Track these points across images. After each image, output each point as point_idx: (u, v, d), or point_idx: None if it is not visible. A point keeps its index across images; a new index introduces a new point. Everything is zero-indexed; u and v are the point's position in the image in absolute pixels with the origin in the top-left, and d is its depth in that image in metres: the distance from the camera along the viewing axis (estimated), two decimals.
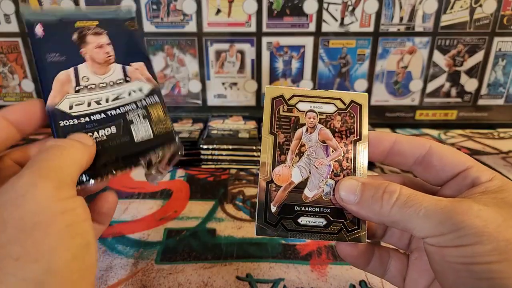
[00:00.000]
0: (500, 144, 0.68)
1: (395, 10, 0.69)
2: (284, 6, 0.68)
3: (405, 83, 0.74)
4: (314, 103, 0.26)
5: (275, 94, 0.26)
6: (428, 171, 0.24)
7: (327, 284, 0.33)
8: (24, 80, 0.74)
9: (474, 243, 0.18)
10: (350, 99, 0.26)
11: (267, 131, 0.25)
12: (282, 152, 0.25)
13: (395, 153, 0.25)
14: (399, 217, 0.21)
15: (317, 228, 0.24)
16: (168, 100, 0.76)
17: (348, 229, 0.25)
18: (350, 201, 0.23)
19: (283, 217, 0.24)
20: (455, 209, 0.19)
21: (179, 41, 0.71)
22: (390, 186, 0.22)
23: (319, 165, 0.25)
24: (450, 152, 0.23)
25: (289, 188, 0.25)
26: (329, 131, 0.26)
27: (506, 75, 0.74)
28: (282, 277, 0.33)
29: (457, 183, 0.23)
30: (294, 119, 0.26)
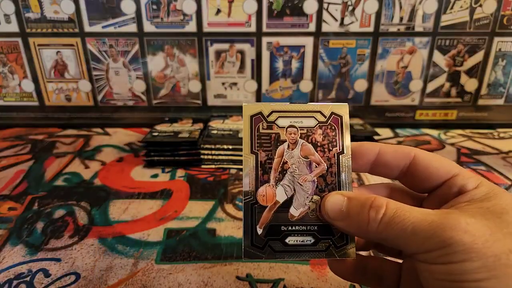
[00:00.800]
0: (500, 144, 0.68)
1: (395, 10, 0.69)
2: (284, 6, 0.68)
3: (405, 83, 0.74)
4: (294, 117, 0.25)
5: (253, 111, 0.25)
6: (413, 180, 0.24)
7: (327, 284, 0.33)
8: (24, 80, 0.74)
9: (462, 260, 0.18)
10: (330, 111, 0.25)
11: (248, 151, 0.25)
12: (264, 171, 0.24)
13: (379, 164, 0.24)
14: (386, 234, 0.20)
15: (306, 246, 0.24)
16: (168, 100, 0.76)
17: (337, 245, 0.24)
18: (336, 217, 0.23)
19: (270, 238, 0.24)
20: (443, 225, 0.19)
21: (179, 41, 0.71)
22: (376, 201, 0.21)
23: (303, 181, 0.24)
24: (435, 160, 0.23)
25: (274, 208, 0.24)
26: (311, 146, 0.25)
27: (506, 75, 0.74)
28: (282, 277, 0.33)
29: (443, 192, 0.23)
30: (275, 136, 0.25)
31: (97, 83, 0.74)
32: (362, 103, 0.76)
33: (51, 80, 0.74)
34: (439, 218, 0.19)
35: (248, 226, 0.24)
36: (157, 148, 0.57)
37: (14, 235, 0.40)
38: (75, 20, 0.69)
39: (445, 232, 0.18)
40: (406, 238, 0.19)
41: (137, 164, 0.58)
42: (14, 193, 0.49)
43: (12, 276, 0.33)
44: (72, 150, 0.64)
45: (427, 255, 0.19)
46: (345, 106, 0.25)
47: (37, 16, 0.69)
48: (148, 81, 0.74)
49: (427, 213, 0.20)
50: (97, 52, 0.72)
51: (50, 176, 0.54)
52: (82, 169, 0.56)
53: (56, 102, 0.76)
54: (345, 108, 0.25)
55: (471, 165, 0.58)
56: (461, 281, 0.18)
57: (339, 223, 0.23)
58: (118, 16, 0.69)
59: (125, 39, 0.71)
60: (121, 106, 0.76)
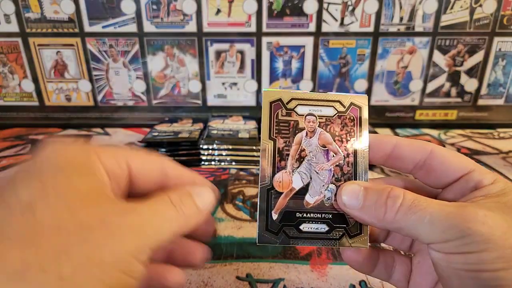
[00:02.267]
0: (500, 144, 0.68)
1: (395, 10, 0.69)
2: (284, 6, 0.68)
3: (405, 83, 0.74)
4: (313, 106, 0.25)
5: (273, 97, 0.25)
6: (429, 175, 0.24)
7: (327, 284, 0.33)
8: (24, 80, 0.74)
9: (480, 250, 0.18)
10: (350, 101, 0.26)
11: (266, 136, 0.25)
12: (282, 158, 0.25)
13: (396, 157, 0.24)
14: (403, 223, 0.20)
15: (319, 234, 0.24)
16: (168, 100, 0.76)
17: (350, 234, 0.24)
18: (352, 206, 0.23)
19: (285, 224, 0.24)
20: (461, 216, 0.19)
21: (179, 41, 0.71)
22: (394, 191, 0.21)
23: (320, 170, 0.25)
24: (452, 155, 0.23)
25: (290, 194, 0.24)
26: (329, 135, 0.25)
27: (506, 75, 0.74)
28: (282, 277, 0.33)
29: (459, 187, 0.23)
30: (293, 123, 0.25)
31: (97, 83, 0.74)
32: None
33: (51, 80, 0.74)
34: (457, 210, 0.19)
35: (263, 211, 0.24)
36: (157, 148, 0.57)
37: None
38: (75, 20, 0.70)
39: (463, 223, 0.19)
40: (423, 227, 0.20)
41: None
42: None
43: None
44: None
45: (445, 244, 0.19)
46: (365, 98, 0.26)
47: (37, 16, 0.69)
48: (148, 81, 0.74)
49: (444, 204, 0.20)
50: (97, 52, 0.72)
51: None
52: None
53: (56, 102, 0.76)
54: (365, 99, 0.26)
55: None
56: (478, 270, 0.18)
57: (355, 212, 0.23)
58: (118, 16, 0.69)
59: (125, 39, 0.71)
60: (121, 106, 0.76)
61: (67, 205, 0.16)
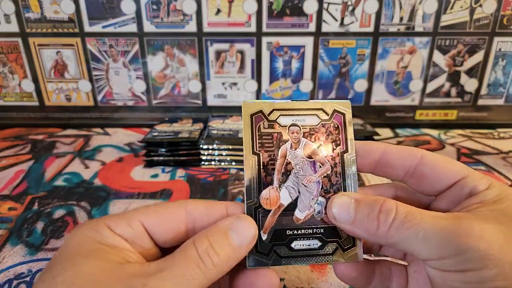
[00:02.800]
0: (500, 144, 0.68)
1: (395, 10, 0.69)
2: (284, 6, 0.68)
3: (405, 83, 0.74)
4: (296, 116, 0.24)
5: (253, 109, 0.24)
6: (421, 182, 0.23)
7: (327, 284, 0.33)
8: (24, 80, 0.74)
9: (479, 267, 0.17)
10: (333, 108, 0.25)
11: (249, 151, 0.23)
12: (267, 173, 0.23)
13: (385, 164, 0.24)
14: (397, 238, 0.19)
15: (312, 251, 0.23)
16: (168, 100, 0.76)
17: (344, 248, 0.23)
18: (343, 220, 0.22)
19: (276, 243, 0.23)
20: (456, 230, 0.18)
21: (179, 41, 0.71)
22: (386, 204, 0.20)
23: (308, 182, 0.23)
24: (443, 161, 0.22)
25: (278, 211, 0.23)
26: (314, 145, 0.24)
27: (506, 75, 0.74)
28: (282, 277, 0.33)
29: (453, 194, 0.22)
30: (277, 136, 0.24)
31: (97, 83, 0.74)
32: (362, 103, 0.76)
33: (51, 80, 0.74)
34: (451, 224, 0.18)
35: None
36: (157, 148, 0.57)
37: (14, 235, 0.39)
38: (75, 20, 0.69)
39: (459, 238, 0.18)
40: (417, 243, 0.19)
41: (137, 164, 0.58)
42: (14, 193, 0.49)
43: (12, 276, 0.33)
44: (72, 150, 0.64)
45: (441, 262, 0.18)
46: (347, 104, 0.25)
47: (37, 16, 0.69)
48: (148, 81, 0.74)
49: (439, 217, 0.19)
50: (97, 52, 0.72)
51: (50, 176, 0.54)
52: (82, 169, 0.56)
53: (56, 102, 0.76)
54: (348, 105, 0.25)
55: (471, 165, 0.58)
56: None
57: (346, 226, 0.22)
58: (118, 16, 0.69)
59: (125, 39, 0.71)
60: (121, 106, 0.76)
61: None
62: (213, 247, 0.19)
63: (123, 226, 0.20)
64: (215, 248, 0.19)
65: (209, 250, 0.19)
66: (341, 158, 0.24)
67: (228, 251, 0.20)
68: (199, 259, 0.19)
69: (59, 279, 0.17)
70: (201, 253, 0.19)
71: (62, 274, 0.17)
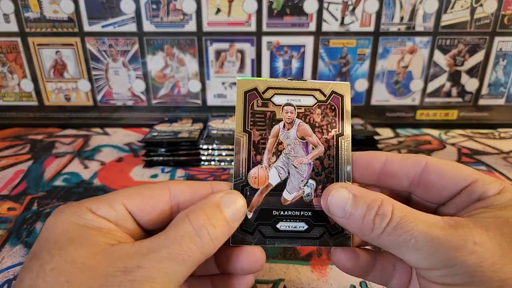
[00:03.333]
0: (501, 144, 0.68)
1: (395, 10, 0.69)
2: (284, 5, 0.68)
3: (406, 82, 0.74)
4: (291, 95, 0.23)
5: (248, 87, 0.23)
6: (428, 191, 0.22)
7: (327, 285, 0.32)
8: (23, 80, 0.74)
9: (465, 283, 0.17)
10: (331, 89, 0.24)
11: (241, 129, 0.23)
12: (257, 151, 0.23)
13: (388, 174, 0.22)
14: (388, 243, 0.19)
15: (298, 233, 0.22)
16: (168, 100, 0.76)
17: (332, 233, 0.22)
18: (338, 214, 0.21)
19: (261, 223, 0.22)
20: (448, 242, 0.17)
21: (179, 40, 0.71)
22: (383, 207, 0.19)
23: (299, 164, 0.23)
24: (450, 167, 0.21)
25: (266, 191, 0.23)
26: (308, 126, 0.23)
27: (506, 75, 0.74)
28: (282, 278, 0.33)
29: (461, 200, 0.21)
30: (270, 114, 0.23)
31: (96, 83, 0.74)
32: (362, 103, 0.76)
33: (50, 80, 0.74)
34: (445, 234, 0.17)
35: None
36: (156, 148, 0.56)
37: (14, 236, 0.39)
38: (74, 20, 0.69)
39: (449, 251, 0.17)
40: (407, 251, 0.18)
41: (136, 164, 0.58)
42: (13, 193, 0.49)
43: (11, 276, 0.33)
44: (72, 150, 0.64)
45: (428, 272, 0.18)
46: (347, 85, 0.24)
47: (37, 15, 0.69)
48: (148, 81, 0.74)
49: (434, 225, 0.18)
50: (97, 51, 0.72)
51: (49, 176, 0.54)
52: (82, 169, 0.56)
53: (55, 102, 0.76)
54: (347, 87, 0.24)
55: (472, 165, 0.58)
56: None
57: (339, 220, 0.21)
58: (117, 16, 0.69)
59: (125, 38, 0.71)
60: (120, 106, 0.76)
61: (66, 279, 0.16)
62: (210, 221, 0.19)
63: (105, 208, 0.20)
64: (212, 221, 0.19)
65: (206, 223, 0.19)
66: (336, 141, 0.23)
67: (224, 224, 0.19)
68: (195, 234, 0.18)
69: (48, 266, 0.17)
70: (198, 228, 0.18)
71: (51, 261, 0.17)
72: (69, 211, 0.19)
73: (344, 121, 0.24)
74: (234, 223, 0.20)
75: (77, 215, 0.19)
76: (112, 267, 0.17)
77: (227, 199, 0.20)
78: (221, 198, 0.20)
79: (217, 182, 0.23)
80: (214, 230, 0.19)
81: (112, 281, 0.16)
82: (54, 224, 0.19)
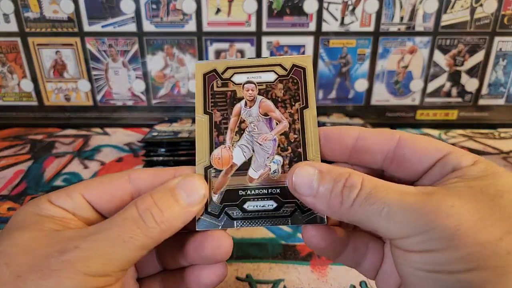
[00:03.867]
0: (501, 144, 0.68)
1: (395, 10, 0.69)
2: (284, 5, 0.68)
3: (406, 82, 0.74)
4: (251, 73, 0.23)
5: (206, 69, 0.23)
6: (402, 166, 0.21)
7: (327, 285, 0.32)
8: (23, 80, 0.74)
9: (442, 248, 0.16)
10: (292, 63, 0.23)
11: (201, 111, 0.22)
12: (220, 132, 0.22)
13: (360, 149, 0.21)
14: (359, 216, 0.18)
15: (267, 212, 0.22)
16: (168, 100, 0.76)
17: (303, 209, 0.22)
18: (304, 192, 0.20)
19: (227, 205, 0.22)
20: (423, 207, 0.16)
21: (179, 40, 0.71)
22: (351, 178, 0.18)
23: (263, 141, 0.22)
24: (424, 140, 0.20)
25: (231, 171, 0.22)
26: (270, 102, 0.23)
27: (506, 75, 0.74)
28: (282, 278, 0.33)
29: (434, 173, 0.20)
30: (231, 94, 0.23)
31: (96, 82, 0.74)
32: (362, 103, 0.76)
33: (50, 80, 0.74)
34: (419, 200, 0.17)
35: None
36: (156, 148, 0.56)
37: None
38: (74, 20, 0.69)
39: (425, 216, 0.16)
40: (380, 220, 0.17)
41: (136, 164, 0.58)
42: (13, 193, 0.49)
43: None
44: (72, 150, 0.64)
45: (403, 241, 0.17)
46: (308, 58, 0.24)
47: (36, 15, 0.69)
48: (148, 81, 0.74)
49: (406, 192, 0.17)
50: (97, 51, 0.72)
51: (49, 176, 0.53)
52: (82, 169, 0.56)
53: (55, 102, 0.76)
54: (308, 59, 0.24)
55: None
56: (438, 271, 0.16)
57: (308, 199, 0.20)
58: (117, 16, 0.69)
59: (125, 38, 0.71)
60: (120, 106, 0.76)
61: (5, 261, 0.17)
62: (157, 204, 0.19)
63: (62, 198, 0.20)
64: (159, 205, 0.19)
65: (152, 207, 0.18)
66: (301, 114, 0.23)
67: (175, 209, 0.19)
68: (139, 217, 0.18)
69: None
70: (142, 212, 0.18)
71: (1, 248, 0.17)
72: (31, 203, 0.20)
73: (308, 93, 0.23)
74: (192, 207, 0.20)
75: (36, 205, 0.20)
76: (51, 248, 0.17)
77: (183, 183, 0.20)
78: (177, 182, 0.20)
79: (181, 168, 0.22)
80: (160, 213, 0.18)
81: (48, 261, 0.16)
82: (16, 214, 0.20)
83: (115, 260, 0.17)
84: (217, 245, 0.21)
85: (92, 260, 0.17)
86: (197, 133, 0.22)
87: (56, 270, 0.16)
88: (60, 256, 0.17)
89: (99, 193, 0.21)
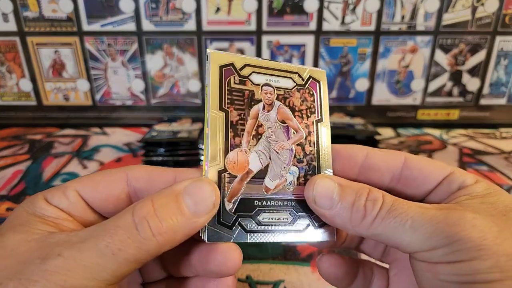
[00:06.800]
0: (502, 144, 0.67)
1: (396, 9, 0.68)
2: (284, 4, 0.68)
3: (407, 82, 0.74)
4: (269, 75, 0.22)
5: (223, 61, 0.21)
6: (409, 185, 0.21)
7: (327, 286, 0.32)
8: (22, 80, 0.74)
9: (472, 258, 0.16)
10: (308, 74, 0.23)
11: (216, 106, 0.20)
12: (236, 133, 0.20)
13: (368, 167, 0.22)
14: (381, 229, 0.18)
15: (282, 225, 0.20)
16: (167, 99, 0.75)
17: (316, 225, 0.21)
18: (324, 205, 0.19)
19: (241, 215, 0.20)
20: (447, 219, 0.17)
21: (178, 40, 0.71)
22: (373, 193, 0.19)
23: (280, 149, 0.21)
24: (428, 161, 0.21)
25: (246, 178, 0.20)
26: (288, 109, 0.22)
27: (508, 74, 0.73)
28: (282, 279, 0.33)
29: (442, 190, 0.21)
30: (249, 93, 0.21)
31: (95, 82, 0.74)
32: (363, 103, 0.75)
33: (49, 79, 0.74)
34: (441, 213, 0.17)
35: None
36: (156, 148, 0.56)
37: None
38: (73, 19, 0.69)
39: (450, 227, 0.16)
40: (405, 234, 0.17)
41: (135, 164, 0.57)
42: (12, 193, 0.48)
43: None
44: (70, 150, 0.64)
45: (430, 253, 0.17)
46: (323, 73, 0.23)
47: (35, 15, 0.69)
48: (147, 80, 0.74)
49: (427, 207, 0.18)
50: (96, 51, 0.71)
51: (48, 177, 0.53)
52: (81, 169, 0.56)
53: (54, 102, 0.76)
54: (323, 74, 0.23)
55: (473, 165, 0.58)
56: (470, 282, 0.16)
57: (326, 212, 0.19)
58: (116, 15, 0.69)
59: (124, 38, 0.70)
60: (119, 105, 0.76)
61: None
62: (157, 213, 0.17)
63: (58, 196, 0.19)
64: (159, 213, 0.17)
65: (149, 216, 0.16)
66: (316, 127, 0.22)
67: (178, 219, 0.17)
68: (133, 227, 0.16)
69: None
70: (138, 220, 0.16)
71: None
72: (26, 201, 0.19)
73: (322, 107, 0.23)
74: (199, 217, 0.17)
75: (31, 204, 0.19)
76: (36, 253, 0.16)
77: (191, 188, 0.18)
78: (185, 187, 0.18)
79: (182, 169, 0.21)
80: (158, 224, 0.16)
81: (29, 269, 0.15)
82: (12, 213, 0.19)
83: (100, 274, 0.15)
84: (225, 259, 0.20)
85: (72, 273, 0.15)
86: (209, 131, 0.20)
87: (34, 281, 0.15)
88: (41, 264, 0.15)
89: (94, 191, 0.20)
